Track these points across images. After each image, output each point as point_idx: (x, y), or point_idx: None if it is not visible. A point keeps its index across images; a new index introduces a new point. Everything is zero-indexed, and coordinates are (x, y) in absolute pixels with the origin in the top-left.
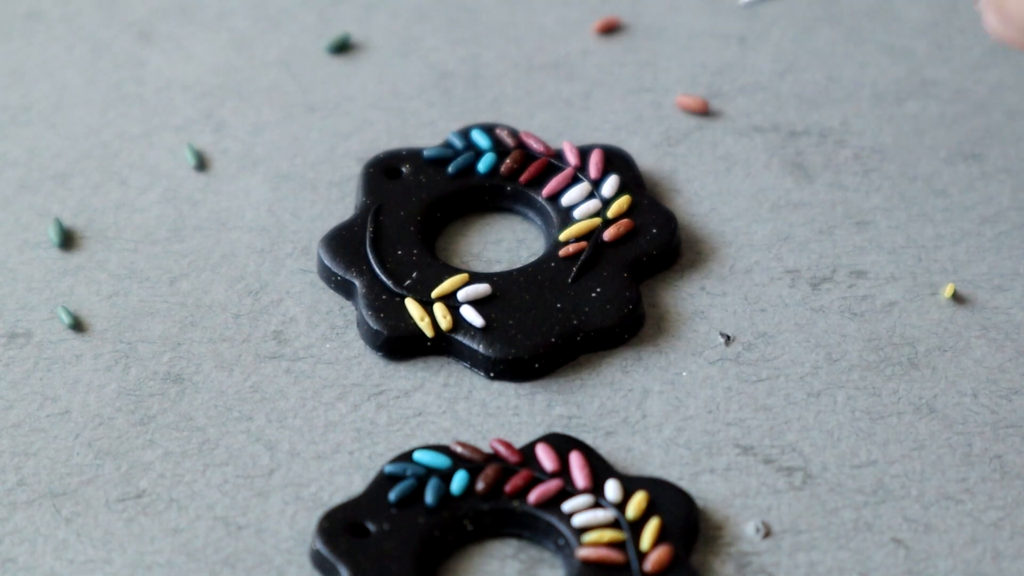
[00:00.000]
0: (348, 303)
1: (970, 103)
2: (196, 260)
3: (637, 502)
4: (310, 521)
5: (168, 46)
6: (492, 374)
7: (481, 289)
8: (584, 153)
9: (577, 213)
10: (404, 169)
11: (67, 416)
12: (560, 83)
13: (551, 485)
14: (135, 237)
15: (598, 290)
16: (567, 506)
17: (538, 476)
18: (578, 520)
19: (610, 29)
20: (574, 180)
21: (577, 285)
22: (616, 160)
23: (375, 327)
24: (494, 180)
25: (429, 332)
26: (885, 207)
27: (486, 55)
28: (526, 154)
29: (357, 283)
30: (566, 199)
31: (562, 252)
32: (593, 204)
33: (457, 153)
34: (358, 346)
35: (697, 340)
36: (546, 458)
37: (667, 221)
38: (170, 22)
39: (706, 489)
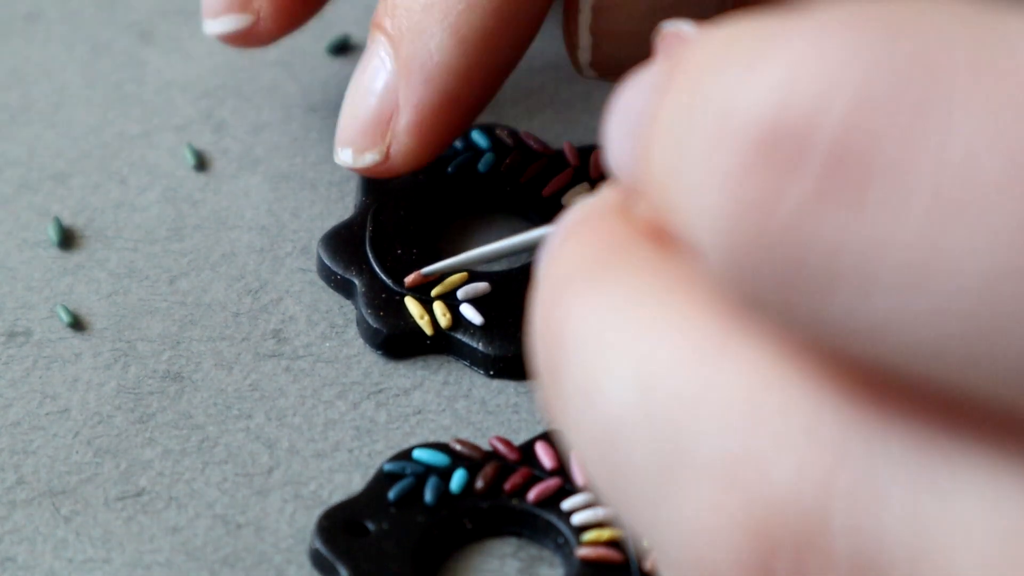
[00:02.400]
0: (348, 302)
1: None
2: (196, 259)
3: None
4: (309, 519)
5: (168, 46)
6: (492, 372)
7: (480, 287)
8: (584, 153)
9: None
10: None
11: (66, 414)
12: (560, 84)
13: (550, 483)
14: (135, 236)
15: None
16: (566, 504)
17: (537, 474)
18: (577, 518)
19: None
20: (574, 180)
21: None
22: None
23: (375, 325)
24: (494, 180)
25: (428, 330)
26: None
27: None
28: (526, 154)
29: (357, 282)
30: (566, 199)
31: None
32: None
33: (457, 153)
34: (358, 344)
35: None
36: (545, 456)
37: None
38: (170, 22)
39: None
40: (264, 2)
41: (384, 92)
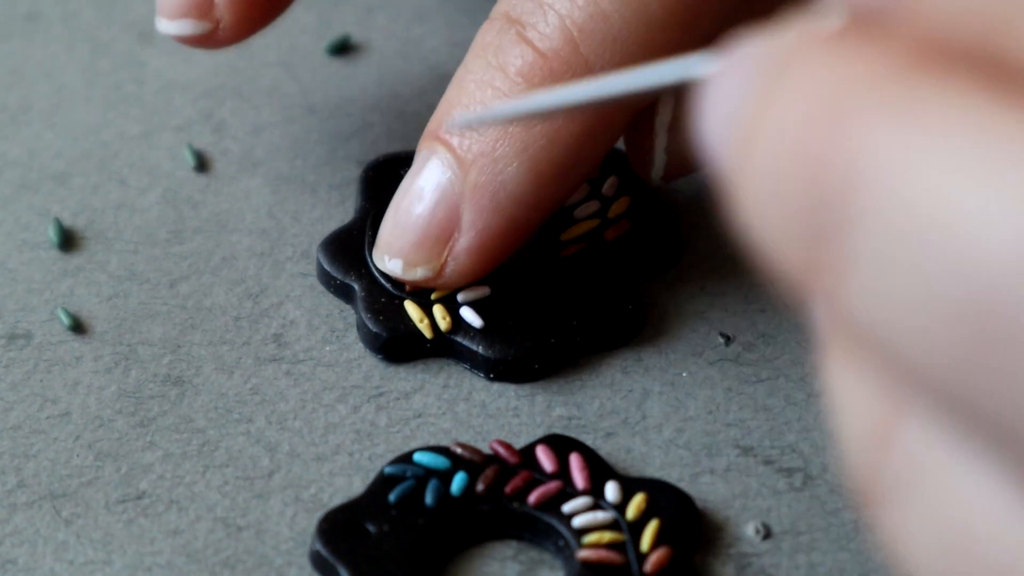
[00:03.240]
0: (348, 306)
1: None
2: (196, 262)
3: (637, 503)
4: (310, 522)
5: (168, 47)
6: (492, 375)
7: (480, 290)
8: None
9: (577, 213)
10: (403, 173)
11: (67, 418)
12: None
13: (551, 486)
14: (135, 238)
15: (598, 290)
16: (567, 507)
17: (538, 477)
18: (578, 521)
19: None
20: None
21: (577, 285)
22: (615, 160)
23: (375, 329)
24: None
25: (428, 334)
26: None
27: None
28: None
29: (356, 286)
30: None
31: (562, 252)
32: (592, 204)
33: None
34: (358, 348)
35: (697, 341)
36: (546, 459)
37: (667, 221)
38: None
39: (706, 490)
40: (225, 11)
41: (446, 211)
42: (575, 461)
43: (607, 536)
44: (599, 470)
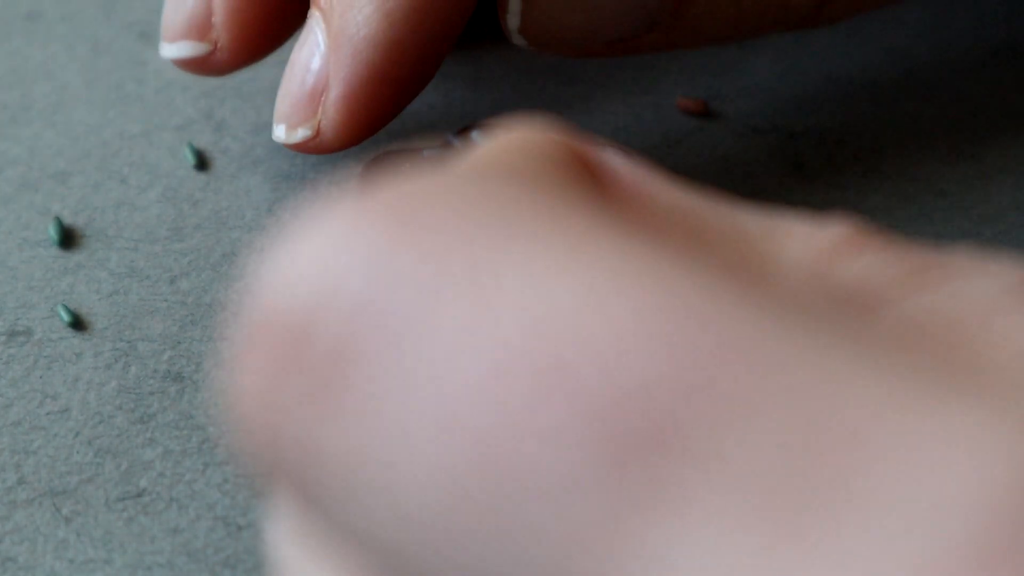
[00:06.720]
0: None
1: (969, 104)
2: (196, 259)
3: None
4: None
5: None
6: None
7: None
8: None
9: None
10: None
11: (67, 414)
12: (560, 85)
13: None
14: (135, 236)
15: None
16: None
17: None
18: None
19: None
20: None
21: None
22: None
23: None
24: None
25: None
26: (884, 207)
27: (486, 56)
28: None
29: None
30: None
31: None
32: None
33: None
34: None
35: None
36: None
37: None
38: None
39: None
40: (222, 32)
41: (317, 67)
42: None
43: None
44: None
